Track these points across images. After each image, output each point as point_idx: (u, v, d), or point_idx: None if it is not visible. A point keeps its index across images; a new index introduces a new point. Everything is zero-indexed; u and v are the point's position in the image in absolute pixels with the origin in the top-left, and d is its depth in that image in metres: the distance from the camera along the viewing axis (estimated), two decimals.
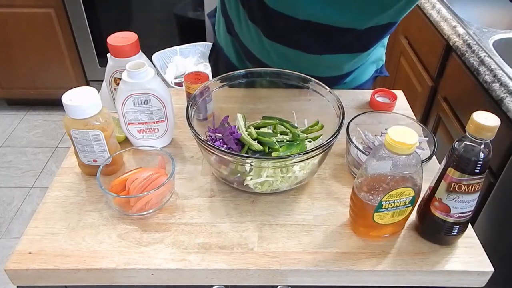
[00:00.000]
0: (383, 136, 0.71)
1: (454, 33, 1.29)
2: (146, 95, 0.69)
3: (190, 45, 2.06)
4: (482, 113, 0.53)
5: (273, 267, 0.58)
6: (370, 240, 0.62)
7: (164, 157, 0.68)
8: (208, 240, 0.61)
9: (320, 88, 0.75)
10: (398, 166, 0.54)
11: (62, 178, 0.72)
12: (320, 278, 0.59)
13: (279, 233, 0.63)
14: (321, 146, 0.62)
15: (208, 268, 0.58)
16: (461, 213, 0.58)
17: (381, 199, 0.55)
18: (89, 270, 0.58)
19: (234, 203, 0.67)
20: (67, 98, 0.64)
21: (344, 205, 0.67)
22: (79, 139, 0.67)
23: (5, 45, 2.15)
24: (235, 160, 0.64)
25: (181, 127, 0.83)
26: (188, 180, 0.72)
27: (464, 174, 0.55)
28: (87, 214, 0.65)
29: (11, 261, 0.58)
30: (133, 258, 0.59)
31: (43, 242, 0.61)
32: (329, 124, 0.72)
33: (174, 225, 0.64)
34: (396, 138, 0.52)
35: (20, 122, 2.39)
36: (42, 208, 0.66)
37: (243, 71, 0.77)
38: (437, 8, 1.44)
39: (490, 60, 1.13)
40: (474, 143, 0.54)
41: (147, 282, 0.60)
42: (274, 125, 0.77)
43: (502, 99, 1.03)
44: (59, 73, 2.25)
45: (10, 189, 1.99)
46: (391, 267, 0.59)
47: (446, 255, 0.61)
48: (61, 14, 2.06)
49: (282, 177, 0.66)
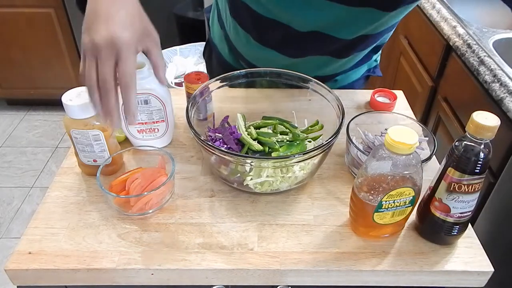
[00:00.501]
0: (383, 136, 0.71)
1: (454, 33, 1.29)
2: (146, 95, 0.69)
3: (190, 45, 2.06)
4: (482, 113, 0.53)
5: (273, 267, 0.58)
6: (370, 240, 0.62)
7: (164, 157, 0.68)
8: (208, 240, 0.61)
9: (320, 88, 0.75)
10: (398, 166, 0.54)
11: (62, 178, 0.72)
12: (320, 278, 0.59)
13: (279, 233, 0.63)
14: (321, 146, 0.62)
15: (208, 268, 0.58)
16: (461, 213, 0.58)
17: (381, 199, 0.55)
18: (89, 270, 0.58)
19: (234, 203, 0.67)
20: (67, 98, 0.64)
21: (344, 205, 0.67)
22: (79, 139, 0.67)
23: (5, 45, 2.15)
24: (235, 160, 0.64)
25: (181, 127, 0.83)
26: (188, 180, 0.72)
27: (464, 174, 0.55)
28: (87, 214, 0.65)
29: (11, 261, 0.58)
30: (133, 258, 0.59)
31: (43, 242, 0.61)
32: (329, 124, 0.72)
33: (174, 225, 0.64)
34: (396, 138, 0.52)
35: (20, 122, 2.39)
36: (42, 208, 0.66)
37: (243, 71, 0.77)
38: (437, 8, 1.44)
39: (490, 60, 1.13)
40: (474, 143, 0.54)
41: (147, 282, 0.60)
42: (274, 125, 0.77)
43: (502, 99, 1.03)
44: (59, 73, 2.25)
45: (10, 189, 1.99)
46: (391, 267, 0.59)
47: (446, 255, 0.61)
48: (61, 14, 2.06)
49: (282, 177, 0.66)
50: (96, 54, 0.53)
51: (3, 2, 2.01)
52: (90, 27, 0.54)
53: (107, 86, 0.53)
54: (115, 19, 0.53)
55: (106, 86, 0.53)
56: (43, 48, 2.16)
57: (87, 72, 0.54)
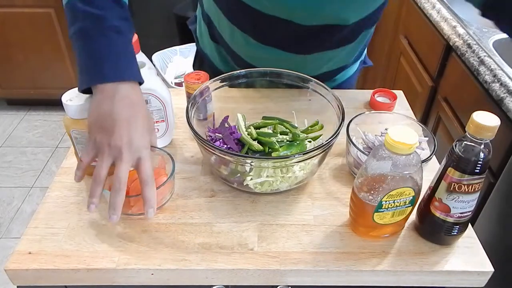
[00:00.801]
0: (383, 136, 0.71)
1: (454, 33, 1.29)
2: (146, 95, 0.69)
3: (190, 45, 2.06)
4: (482, 113, 0.53)
5: (273, 267, 0.58)
6: (370, 240, 0.62)
7: (164, 157, 0.68)
8: (208, 240, 0.61)
9: (320, 88, 0.75)
10: (398, 166, 0.54)
11: (62, 178, 0.72)
12: (320, 278, 0.59)
13: (279, 233, 0.63)
14: (321, 146, 0.62)
15: (208, 268, 0.58)
16: (461, 213, 0.58)
17: (381, 199, 0.55)
18: (89, 270, 0.58)
19: (234, 203, 0.67)
20: (67, 98, 0.64)
21: (344, 205, 0.67)
22: (79, 139, 0.67)
23: (5, 45, 2.15)
24: (235, 160, 0.64)
25: (181, 127, 0.83)
26: (188, 180, 0.72)
27: (464, 174, 0.55)
28: (87, 214, 0.65)
29: (11, 261, 0.58)
30: (133, 258, 0.59)
31: (43, 242, 0.61)
32: (329, 124, 0.72)
33: (174, 225, 0.64)
34: (396, 138, 0.52)
35: (20, 122, 2.39)
36: (42, 208, 0.66)
37: (243, 71, 0.77)
38: (437, 8, 1.44)
39: (490, 60, 1.13)
40: (474, 143, 0.54)
41: (147, 282, 0.60)
42: (274, 125, 0.77)
43: (502, 99, 1.03)
44: (59, 73, 2.25)
45: (10, 189, 1.99)
46: (391, 267, 0.59)
47: (446, 255, 0.61)
48: (61, 14, 2.05)
49: (282, 177, 0.66)
50: (116, 155, 0.57)
51: (3, 2, 2.01)
52: (108, 129, 0.58)
53: (121, 186, 0.57)
54: (136, 126, 0.59)
55: (120, 185, 0.57)
56: (43, 48, 2.16)
57: (98, 168, 0.58)
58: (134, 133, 0.59)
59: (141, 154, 0.59)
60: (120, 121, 0.58)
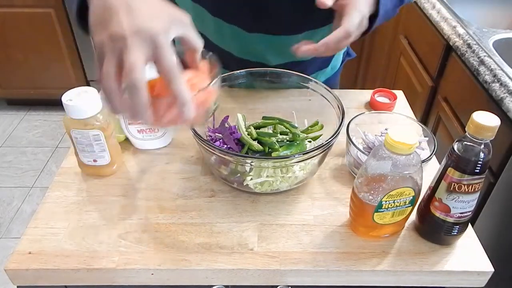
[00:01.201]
0: (383, 136, 0.71)
1: (454, 33, 1.29)
2: None
3: None
4: (482, 113, 0.53)
5: (273, 267, 0.58)
6: (370, 240, 0.62)
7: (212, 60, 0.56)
8: (208, 240, 0.61)
9: (320, 88, 0.75)
10: (398, 166, 0.54)
11: (62, 178, 0.72)
12: (320, 278, 0.59)
13: (279, 233, 0.63)
14: (321, 146, 0.62)
15: (208, 268, 0.58)
16: (461, 213, 0.58)
17: (381, 199, 0.55)
18: (89, 270, 0.58)
19: (234, 203, 0.68)
20: (67, 98, 0.64)
21: (344, 205, 0.67)
22: (79, 139, 0.67)
23: (5, 45, 2.15)
24: (235, 160, 0.64)
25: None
26: (188, 180, 0.72)
27: (464, 174, 0.55)
28: (87, 214, 0.65)
29: (11, 261, 0.58)
30: (133, 258, 0.59)
31: (43, 242, 0.61)
32: (329, 124, 0.72)
33: (174, 225, 0.64)
34: (396, 138, 0.52)
35: (20, 122, 2.39)
36: (42, 208, 0.66)
37: (243, 71, 0.77)
38: (437, 8, 1.44)
39: (490, 60, 1.13)
40: (474, 143, 0.54)
41: (147, 282, 0.60)
42: (274, 125, 0.77)
43: (502, 99, 1.03)
44: (59, 73, 2.26)
45: (10, 189, 1.99)
46: (391, 267, 0.59)
47: (446, 255, 0.61)
48: (61, 14, 2.06)
49: (282, 177, 0.66)
50: (120, 46, 0.44)
51: (3, 2, 2.01)
52: (106, 23, 0.45)
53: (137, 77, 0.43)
54: (140, 11, 0.46)
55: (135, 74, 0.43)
56: (43, 48, 2.17)
57: (104, 70, 0.44)
58: (138, 16, 0.45)
59: (156, 41, 0.45)
60: (116, 7, 0.46)
